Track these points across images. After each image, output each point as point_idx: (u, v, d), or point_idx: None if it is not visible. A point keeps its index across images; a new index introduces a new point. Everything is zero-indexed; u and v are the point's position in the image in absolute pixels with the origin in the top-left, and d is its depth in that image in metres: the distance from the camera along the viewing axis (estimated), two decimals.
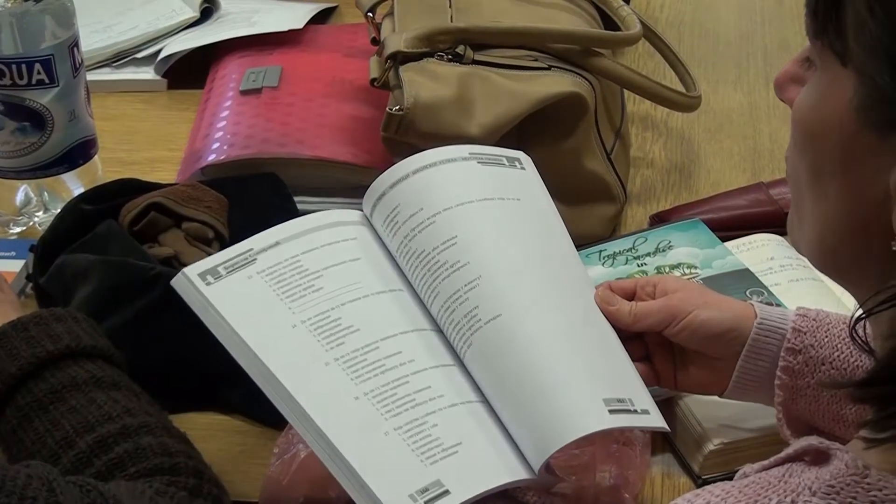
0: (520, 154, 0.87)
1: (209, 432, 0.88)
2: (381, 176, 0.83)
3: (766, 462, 0.59)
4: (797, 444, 0.59)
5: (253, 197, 1.05)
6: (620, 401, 0.75)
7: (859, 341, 0.59)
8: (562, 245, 0.84)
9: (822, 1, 0.57)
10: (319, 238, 0.81)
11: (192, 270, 0.78)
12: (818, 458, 0.58)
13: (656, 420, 0.76)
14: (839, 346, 0.78)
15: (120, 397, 0.77)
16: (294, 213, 1.04)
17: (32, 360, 0.77)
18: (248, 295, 0.77)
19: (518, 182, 0.85)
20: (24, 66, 1.02)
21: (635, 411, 0.75)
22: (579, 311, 0.80)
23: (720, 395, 0.81)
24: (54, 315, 0.80)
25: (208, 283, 0.77)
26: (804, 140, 0.60)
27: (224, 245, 1.00)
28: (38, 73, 1.02)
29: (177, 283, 0.78)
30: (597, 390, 0.75)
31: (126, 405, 0.76)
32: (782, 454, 0.59)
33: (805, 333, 0.78)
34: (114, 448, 0.73)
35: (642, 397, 0.77)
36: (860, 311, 0.58)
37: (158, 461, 0.73)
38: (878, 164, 0.55)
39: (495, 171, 0.85)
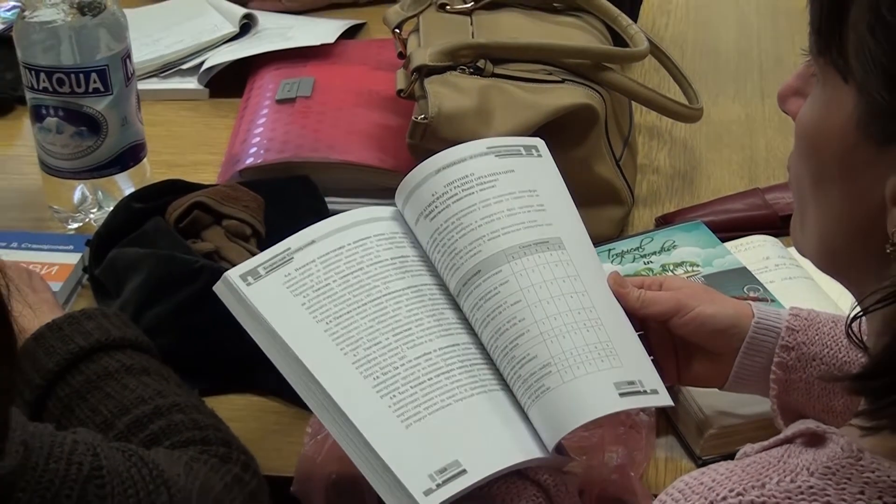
0: (536, 141, 0.85)
1: (246, 412, 0.89)
2: (411, 172, 0.82)
3: (765, 443, 0.59)
4: (795, 427, 0.59)
5: (287, 197, 1.05)
6: (630, 383, 0.74)
7: (854, 338, 0.59)
8: (574, 231, 0.81)
9: (826, 21, 0.57)
10: (353, 234, 0.80)
11: (233, 273, 0.77)
12: (813, 440, 0.58)
13: (664, 399, 0.75)
14: (829, 343, 0.77)
15: (150, 381, 0.77)
16: (324, 212, 1.04)
17: (67, 355, 0.77)
18: (286, 292, 0.77)
19: (534, 170, 0.83)
20: (81, 75, 1.02)
21: (644, 392, 0.74)
22: (596, 294, 0.78)
23: (720, 388, 0.81)
24: (85, 314, 0.81)
25: (249, 284, 0.77)
26: (807, 150, 0.60)
27: (261, 241, 1.01)
28: (94, 81, 1.02)
29: (219, 288, 0.77)
30: (609, 374, 0.74)
31: (156, 388, 0.77)
32: (780, 436, 0.59)
33: (797, 332, 0.78)
34: (149, 426, 0.74)
35: (651, 378, 0.76)
36: (857, 310, 0.58)
37: (190, 434, 0.74)
38: (876, 174, 0.55)
39: (512, 163, 0.82)
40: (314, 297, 0.77)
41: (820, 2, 0.57)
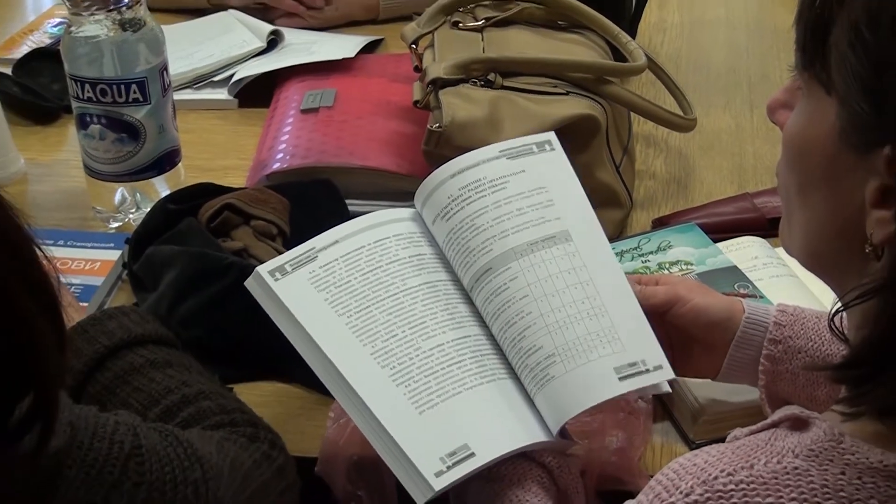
0: (549, 136, 0.84)
1: (273, 398, 0.89)
2: (430, 176, 0.82)
3: (753, 427, 0.60)
4: (781, 413, 0.59)
5: (310, 199, 1.05)
6: (632, 364, 0.74)
7: (836, 331, 0.59)
8: (584, 221, 0.80)
9: (811, 39, 0.57)
10: (373, 234, 0.80)
11: (263, 269, 0.77)
12: (798, 424, 0.58)
13: (667, 373, 0.74)
14: (813, 337, 0.77)
15: (174, 373, 0.77)
16: (345, 214, 1.04)
17: (93, 355, 0.77)
18: (310, 288, 0.77)
19: (545, 166, 0.82)
20: (122, 86, 1.02)
21: (647, 370, 0.73)
22: (602, 280, 0.77)
23: (713, 379, 0.81)
24: (106, 314, 0.80)
25: (276, 279, 0.77)
26: (793, 157, 0.61)
27: (286, 240, 1.00)
28: (134, 92, 1.02)
29: (250, 283, 0.77)
30: (609, 360, 0.74)
31: (181, 378, 0.77)
32: (767, 420, 0.60)
33: (784, 326, 0.78)
34: (178, 414, 0.74)
35: (655, 354, 0.75)
36: (839, 305, 0.58)
37: (218, 418, 0.74)
38: (856, 179, 0.55)
39: (523, 163, 0.82)
40: (336, 293, 0.77)
41: (805, 21, 0.58)
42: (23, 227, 0.57)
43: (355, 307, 0.76)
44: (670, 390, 0.77)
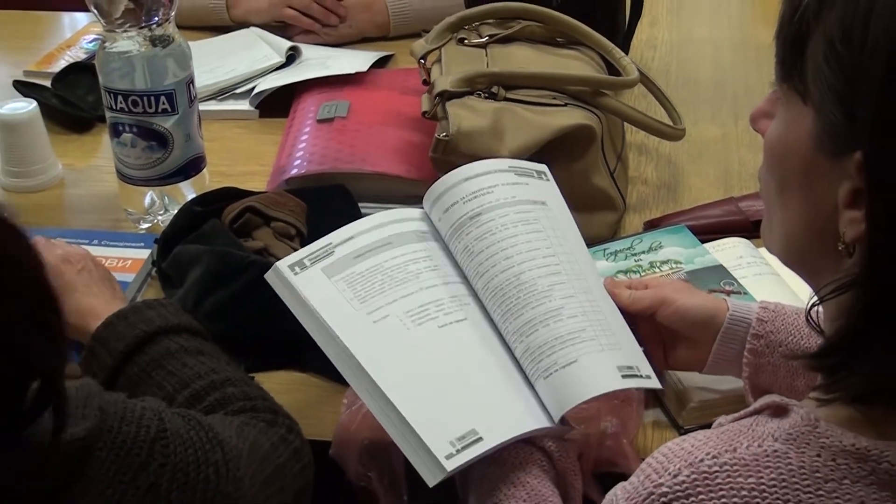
0: (544, 167, 0.87)
1: (292, 386, 0.89)
2: (439, 180, 0.82)
3: (737, 414, 0.60)
4: (762, 401, 0.59)
5: (326, 202, 1.05)
6: (630, 367, 0.75)
7: (813, 323, 0.59)
8: (577, 239, 0.83)
9: (789, 52, 0.58)
10: (386, 231, 0.81)
11: (282, 263, 0.77)
12: (778, 411, 0.58)
13: (655, 383, 0.76)
14: (792, 332, 0.77)
15: (205, 360, 0.78)
16: (358, 216, 1.02)
17: (134, 339, 0.78)
18: (326, 280, 0.77)
19: (543, 190, 0.85)
20: (152, 98, 1.02)
21: (640, 376, 0.75)
22: (596, 293, 0.79)
23: (700, 371, 0.81)
24: (146, 304, 0.81)
25: (295, 273, 0.77)
26: (773, 162, 0.61)
27: (303, 240, 1.00)
28: (163, 103, 1.03)
29: (270, 276, 0.77)
30: (612, 357, 0.75)
31: (211, 366, 0.77)
32: (750, 408, 0.60)
33: (766, 322, 0.78)
34: (206, 398, 0.75)
35: (645, 366, 0.77)
36: (815, 299, 0.58)
37: (241, 404, 0.74)
38: (830, 182, 0.56)
39: (527, 181, 0.84)
40: (351, 285, 0.77)
41: (784, 35, 0.58)
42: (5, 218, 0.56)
43: (369, 296, 0.77)
44: (662, 387, 0.78)
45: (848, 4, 0.54)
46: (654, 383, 0.76)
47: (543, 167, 0.87)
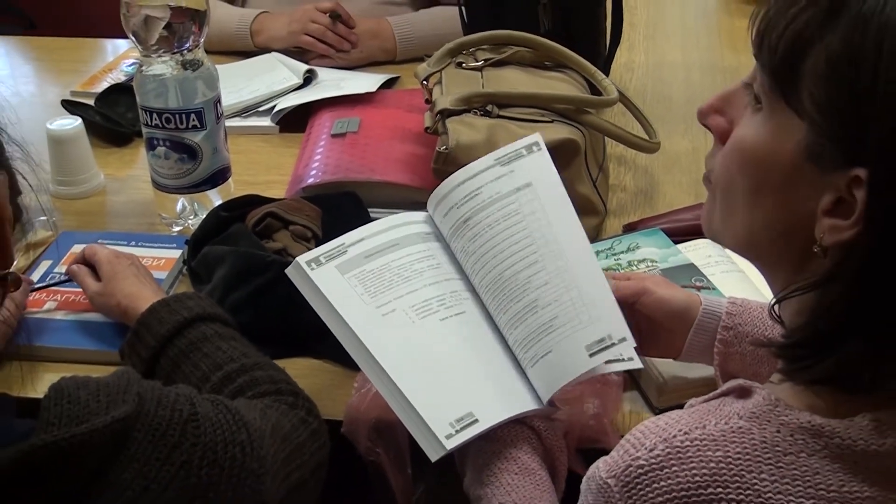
0: (536, 138, 0.82)
1: (308, 371, 0.89)
2: (439, 186, 0.82)
3: (707, 396, 0.60)
4: (729, 384, 0.59)
5: (339, 208, 1.05)
6: (600, 341, 0.72)
7: (775, 315, 0.59)
8: (561, 199, 0.78)
9: (783, 64, 0.54)
10: (394, 233, 0.81)
11: (301, 259, 0.77)
12: (742, 393, 0.58)
13: (630, 344, 0.73)
14: (757, 324, 0.77)
15: (237, 345, 0.78)
16: (368, 220, 1.03)
17: (175, 324, 0.78)
18: (340, 276, 0.77)
19: (529, 169, 0.80)
20: (183, 115, 1.03)
21: (613, 344, 0.72)
22: (573, 266, 0.75)
23: (674, 359, 0.81)
24: (186, 295, 0.82)
25: (312, 269, 0.77)
26: (749, 165, 0.57)
27: (318, 242, 1.00)
28: (193, 120, 1.03)
29: (290, 270, 0.77)
30: (584, 337, 0.72)
31: (242, 350, 0.78)
32: (717, 391, 0.60)
33: (734, 315, 0.77)
34: (236, 380, 0.75)
35: (622, 328, 0.73)
36: (780, 295, 0.58)
37: (267, 387, 0.75)
38: (813, 191, 0.54)
39: (512, 167, 0.80)
40: (362, 279, 0.77)
41: (775, 48, 0.54)
42: None
43: (378, 291, 0.77)
44: (642, 366, 0.77)
45: (856, 23, 0.50)
46: (629, 346, 0.73)
47: (535, 138, 0.81)
